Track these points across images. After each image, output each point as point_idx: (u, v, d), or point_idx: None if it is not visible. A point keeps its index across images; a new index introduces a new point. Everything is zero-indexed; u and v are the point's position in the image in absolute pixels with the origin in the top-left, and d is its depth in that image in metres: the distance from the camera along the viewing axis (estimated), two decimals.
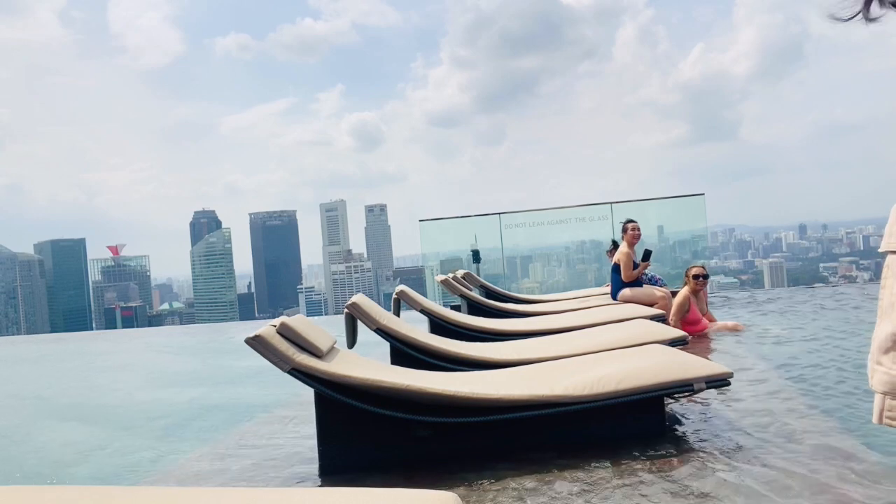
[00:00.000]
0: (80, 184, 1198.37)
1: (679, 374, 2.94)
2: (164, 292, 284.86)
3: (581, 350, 3.85)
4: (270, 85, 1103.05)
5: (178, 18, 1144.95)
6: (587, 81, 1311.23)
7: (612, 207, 11.31)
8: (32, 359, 10.36)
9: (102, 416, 5.10)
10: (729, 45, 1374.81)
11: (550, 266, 14.43)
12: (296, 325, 2.75)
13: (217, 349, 9.63)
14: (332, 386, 2.74)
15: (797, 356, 4.77)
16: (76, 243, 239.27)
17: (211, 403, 5.16)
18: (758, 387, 3.85)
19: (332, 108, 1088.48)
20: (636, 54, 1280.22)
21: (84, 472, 3.54)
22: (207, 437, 3.89)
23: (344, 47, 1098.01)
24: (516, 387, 2.95)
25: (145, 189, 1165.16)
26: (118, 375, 7.83)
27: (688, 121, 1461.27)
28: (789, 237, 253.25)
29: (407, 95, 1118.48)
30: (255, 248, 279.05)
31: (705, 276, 6.29)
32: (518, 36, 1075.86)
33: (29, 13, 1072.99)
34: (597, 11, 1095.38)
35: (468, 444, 2.92)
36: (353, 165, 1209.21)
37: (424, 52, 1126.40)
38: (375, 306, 4.20)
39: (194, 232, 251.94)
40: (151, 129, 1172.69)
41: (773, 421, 3.14)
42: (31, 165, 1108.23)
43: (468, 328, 5.24)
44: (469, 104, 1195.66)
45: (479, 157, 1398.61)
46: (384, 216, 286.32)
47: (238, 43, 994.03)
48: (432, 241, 12.42)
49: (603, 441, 2.91)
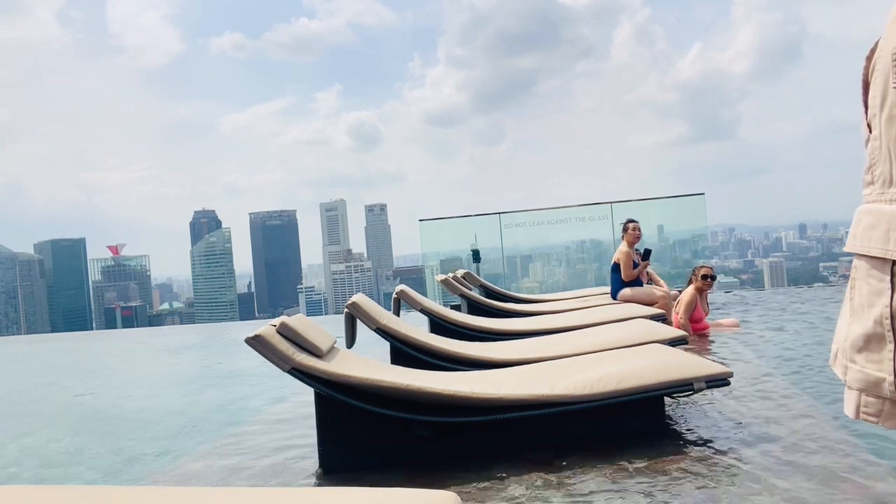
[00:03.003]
0: (79, 184, 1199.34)
1: (679, 374, 2.94)
2: (164, 292, 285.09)
3: (581, 350, 3.84)
4: (268, 84, 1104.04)
5: (177, 18, 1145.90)
6: (585, 81, 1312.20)
7: (612, 207, 11.32)
8: (16, 359, 10.36)
9: (103, 417, 5.10)
10: (727, 44, 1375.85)
11: (550, 266, 14.44)
12: (296, 324, 2.75)
13: (216, 349, 9.64)
14: (332, 386, 2.74)
15: (797, 355, 4.77)
16: (76, 243, 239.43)
17: (211, 403, 5.16)
18: (758, 386, 3.85)
19: (330, 107, 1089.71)
20: (634, 53, 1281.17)
21: (83, 473, 3.54)
22: (207, 437, 3.89)
23: (340, 47, 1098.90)
24: (516, 386, 2.95)
25: (145, 189, 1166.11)
26: (119, 375, 7.83)
27: (687, 120, 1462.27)
28: (789, 237, 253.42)
29: (404, 95, 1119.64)
30: (255, 247, 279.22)
31: (713, 276, 6.33)
32: (515, 35, 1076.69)
33: (27, 13, 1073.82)
34: (594, 11, 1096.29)
35: (468, 444, 2.92)
36: (352, 165, 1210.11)
37: (421, 52, 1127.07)
38: (375, 306, 4.20)
39: (194, 232, 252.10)
40: (151, 128, 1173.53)
41: (773, 420, 3.14)
42: (31, 165, 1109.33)
43: (468, 328, 5.24)
44: (467, 104, 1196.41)
45: (479, 156, 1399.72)
46: (384, 216, 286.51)
47: (233, 42, 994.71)
48: (432, 240, 12.44)
49: (603, 441, 2.91)
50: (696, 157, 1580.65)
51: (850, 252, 1.02)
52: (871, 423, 1.01)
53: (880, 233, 0.96)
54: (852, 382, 1.02)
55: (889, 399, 0.97)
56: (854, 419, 1.03)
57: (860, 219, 1.00)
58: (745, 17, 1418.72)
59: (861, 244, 0.99)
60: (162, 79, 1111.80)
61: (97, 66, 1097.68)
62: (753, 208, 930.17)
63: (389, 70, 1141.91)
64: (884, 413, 0.99)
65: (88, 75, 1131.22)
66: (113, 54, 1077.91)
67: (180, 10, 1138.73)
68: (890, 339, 0.95)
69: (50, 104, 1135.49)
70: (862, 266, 1.00)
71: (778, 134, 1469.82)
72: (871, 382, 0.99)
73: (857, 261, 1.01)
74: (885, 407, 0.98)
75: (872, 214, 0.98)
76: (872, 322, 0.98)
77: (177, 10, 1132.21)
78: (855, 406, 1.03)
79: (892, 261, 0.94)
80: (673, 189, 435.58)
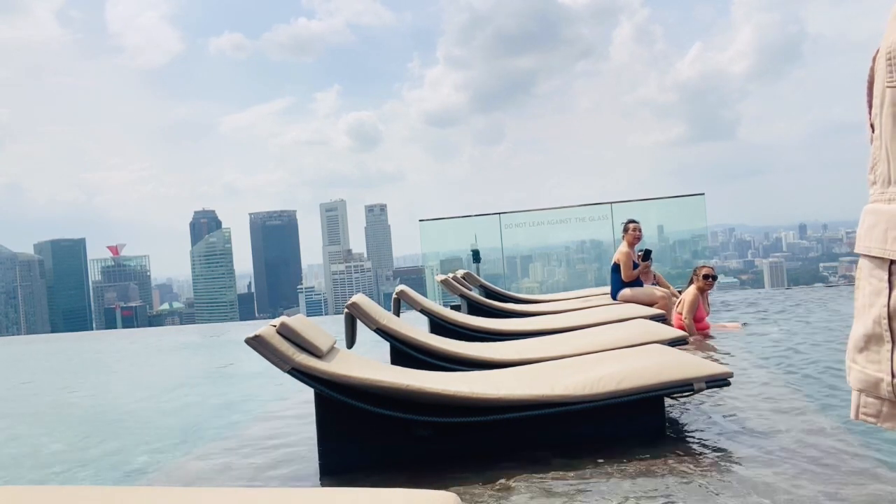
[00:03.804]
0: (79, 184, 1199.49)
1: (679, 374, 2.94)
2: (164, 292, 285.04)
3: (581, 350, 3.85)
4: (268, 85, 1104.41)
5: (177, 18, 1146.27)
6: (584, 81, 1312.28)
7: (612, 207, 11.33)
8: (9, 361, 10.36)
9: (102, 417, 5.10)
10: (727, 44, 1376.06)
11: (550, 266, 14.44)
12: (296, 324, 2.75)
13: (216, 349, 9.63)
14: (332, 386, 2.74)
15: (798, 356, 4.77)
16: (76, 243, 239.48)
17: (211, 404, 5.15)
18: (759, 387, 3.85)
19: (329, 107, 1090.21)
20: (633, 54, 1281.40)
21: (83, 474, 3.54)
22: (207, 437, 3.89)
23: (339, 47, 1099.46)
24: (516, 387, 2.95)
25: (145, 189, 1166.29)
26: (119, 375, 7.83)
27: (686, 120, 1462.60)
28: (789, 237, 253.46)
29: (404, 95, 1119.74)
30: (255, 248, 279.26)
31: (714, 276, 6.35)
32: (514, 35, 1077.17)
33: (27, 13, 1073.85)
34: (593, 11, 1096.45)
35: (468, 444, 2.92)
36: (352, 165, 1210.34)
37: (421, 52, 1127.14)
38: (375, 306, 4.20)
39: (194, 232, 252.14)
40: (150, 128, 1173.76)
41: (774, 421, 3.14)
42: (31, 165, 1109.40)
43: (468, 328, 5.24)
44: (466, 104, 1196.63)
45: (478, 156, 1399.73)
46: (384, 216, 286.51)
47: (233, 42, 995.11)
48: (432, 241, 12.44)
49: (603, 441, 2.91)
50: (695, 158, 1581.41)
51: (856, 253, 1.02)
52: (869, 423, 1.01)
53: (879, 232, 0.96)
54: (853, 383, 1.02)
55: (888, 400, 0.97)
56: (854, 420, 1.03)
57: (864, 219, 1.00)
58: (745, 17, 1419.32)
59: (863, 244, 1.00)
60: (161, 79, 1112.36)
61: (97, 66, 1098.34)
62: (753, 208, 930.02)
63: (389, 70, 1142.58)
64: (882, 414, 0.99)
65: (88, 75, 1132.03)
66: (112, 54, 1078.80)
67: (180, 10, 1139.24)
68: (888, 339, 0.95)
69: (50, 104, 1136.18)
70: (865, 266, 1.00)
71: (778, 134, 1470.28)
72: (870, 383, 0.99)
73: (862, 261, 1.01)
74: (883, 408, 0.98)
75: (873, 214, 0.98)
76: (872, 322, 0.98)
77: (176, 10, 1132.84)
78: (855, 406, 1.03)
79: (891, 260, 0.94)
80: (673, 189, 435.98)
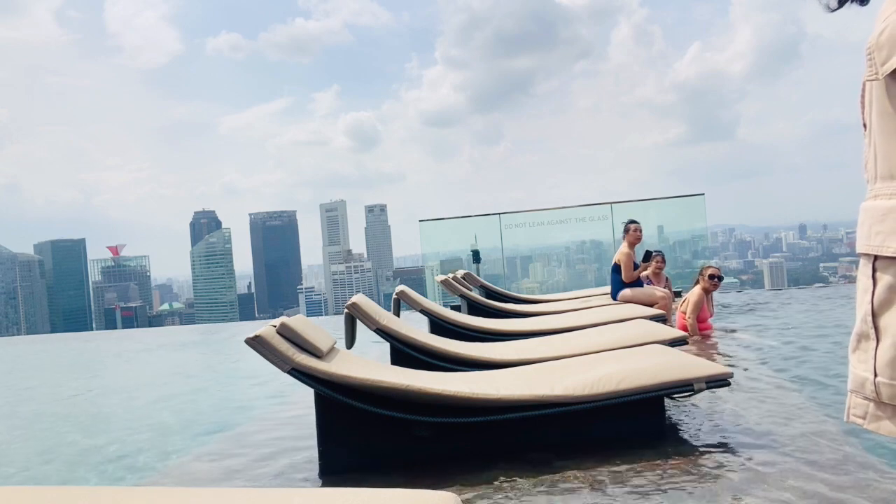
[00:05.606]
0: (78, 184, 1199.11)
1: (679, 375, 2.94)
2: (164, 292, 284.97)
3: (581, 350, 3.85)
4: (266, 85, 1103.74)
5: (175, 18, 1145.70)
6: (583, 81, 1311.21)
7: (612, 207, 11.33)
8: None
9: (102, 417, 5.10)
10: (726, 44, 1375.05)
11: (550, 266, 14.44)
12: (296, 325, 2.75)
13: (216, 349, 9.63)
14: (332, 386, 2.74)
15: (798, 356, 4.77)
16: (76, 243, 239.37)
17: (210, 404, 5.16)
18: (759, 387, 3.85)
19: (328, 107, 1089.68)
20: (632, 54, 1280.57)
21: (82, 474, 3.54)
22: (207, 437, 3.89)
23: (337, 47, 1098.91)
24: (516, 387, 2.95)
25: (144, 189, 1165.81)
26: (119, 375, 7.84)
27: (685, 120, 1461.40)
28: (789, 237, 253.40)
29: (402, 95, 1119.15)
30: (255, 248, 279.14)
31: (720, 276, 6.34)
32: (512, 36, 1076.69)
33: (26, 13, 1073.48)
34: (592, 11, 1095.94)
35: (468, 444, 2.92)
36: (351, 165, 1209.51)
37: (419, 53, 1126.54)
38: (375, 306, 4.20)
39: (194, 232, 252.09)
40: (149, 128, 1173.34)
41: (774, 421, 3.14)
42: (30, 165, 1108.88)
43: (468, 328, 5.24)
44: (465, 104, 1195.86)
45: (477, 156, 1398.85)
46: (384, 216, 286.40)
47: (230, 43, 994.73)
48: (432, 241, 12.44)
49: (603, 441, 2.91)
50: (695, 158, 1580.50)
51: (857, 253, 1.03)
52: (857, 424, 0.99)
53: (865, 229, 0.97)
54: (849, 383, 1.01)
55: (872, 400, 0.95)
56: (846, 422, 1.02)
57: (859, 218, 1.01)
58: (744, 17, 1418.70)
59: (857, 243, 1.00)
60: (160, 79, 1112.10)
61: (96, 66, 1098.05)
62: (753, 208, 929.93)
63: (387, 71, 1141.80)
64: (868, 414, 0.97)
65: (87, 75, 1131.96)
66: (111, 54, 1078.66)
67: (178, 11, 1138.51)
68: (873, 337, 0.94)
69: (49, 104, 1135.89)
70: (861, 264, 1.00)
71: (777, 134, 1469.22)
72: (858, 382, 0.97)
73: (860, 260, 1.02)
74: (869, 408, 0.96)
75: (862, 212, 0.99)
76: (860, 320, 0.97)
77: (174, 10, 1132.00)
78: (847, 408, 1.02)
79: (875, 256, 0.94)
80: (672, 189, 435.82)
